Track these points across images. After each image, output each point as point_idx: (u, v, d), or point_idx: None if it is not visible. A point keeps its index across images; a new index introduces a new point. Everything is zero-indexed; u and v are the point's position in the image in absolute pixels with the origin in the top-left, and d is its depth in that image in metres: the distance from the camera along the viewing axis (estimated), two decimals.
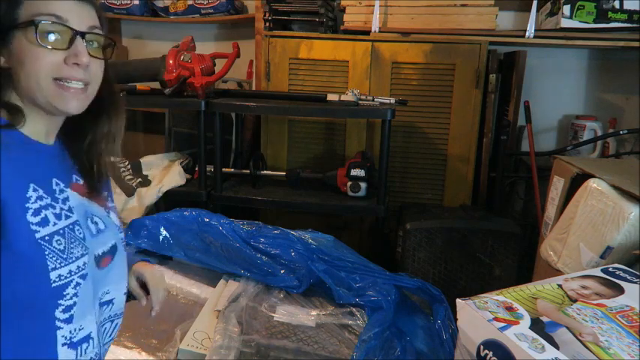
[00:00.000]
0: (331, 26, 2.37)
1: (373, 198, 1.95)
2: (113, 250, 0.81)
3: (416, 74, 2.13)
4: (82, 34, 0.71)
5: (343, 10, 2.26)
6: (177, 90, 1.93)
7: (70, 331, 0.70)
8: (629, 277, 0.85)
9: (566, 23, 2.03)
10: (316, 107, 1.98)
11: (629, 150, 2.27)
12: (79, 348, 0.72)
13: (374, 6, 2.16)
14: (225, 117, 2.27)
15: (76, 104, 0.72)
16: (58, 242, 0.68)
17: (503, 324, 0.68)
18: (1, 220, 0.63)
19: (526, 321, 0.69)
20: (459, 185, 2.18)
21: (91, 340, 0.74)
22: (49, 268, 0.67)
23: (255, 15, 2.41)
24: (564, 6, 2.02)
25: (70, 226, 0.71)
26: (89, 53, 0.72)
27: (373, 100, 1.94)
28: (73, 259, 0.70)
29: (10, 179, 0.65)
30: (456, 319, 0.77)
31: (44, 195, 0.69)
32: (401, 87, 2.13)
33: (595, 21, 2.02)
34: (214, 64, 2.03)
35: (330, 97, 1.97)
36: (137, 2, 2.69)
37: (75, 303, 0.70)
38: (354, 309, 1.39)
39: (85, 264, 0.72)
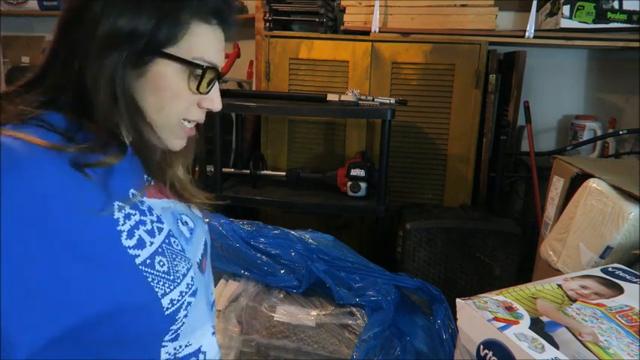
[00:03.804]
0: (331, 26, 2.37)
1: (373, 198, 1.95)
2: (206, 247, 0.75)
3: (416, 74, 2.13)
4: (219, 79, 0.65)
5: (343, 10, 2.26)
6: None
7: (175, 348, 0.65)
8: (628, 277, 0.85)
9: (565, 23, 2.03)
10: (316, 107, 1.98)
11: (628, 150, 2.27)
12: None
13: (374, 6, 2.16)
14: (225, 117, 2.27)
15: (181, 143, 0.67)
16: (161, 263, 0.60)
17: (503, 324, 0.68)
18: (100, 257, 0.55)
19: (526, 321, 0.69)
20: (459, 185, 2.18)
21: (201, 355, 0.69)
22: (159, 295, 0.59)
23: (255, 15, 2.41)
24: (564, 6, 2.02)
25: (167, 241, 0.63)
26: None
27: (373, 100, 1.94)
28: (181, 277, 0.62)
29: (93, 205, 0.56)
30: (455, 319, 0.77)
31: (131, 211, 0.60)
32: (401, 87, 2.13)
33: (594, 21, 2.02)
34: None
35: (330, 97, 1.97)
36: None
37: (183, 324, 0.63)
38: (354, 309, 1.39)
39: (192, 278, 0.64)
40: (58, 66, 0.59)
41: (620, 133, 2.20)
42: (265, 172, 2.15)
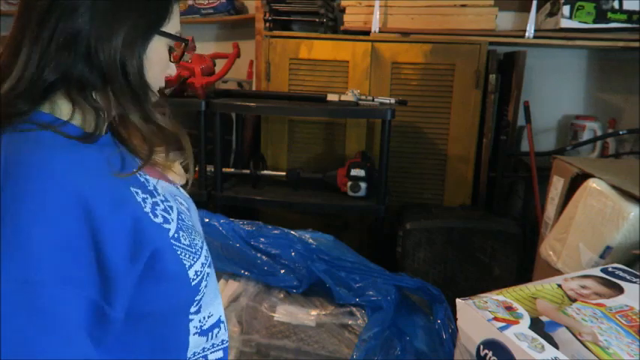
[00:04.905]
0: (331, 26, 2.37)
1: (373, 198, 1.95)
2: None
3: (416, 74, 2.13)
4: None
5: (343, 11, 2.26)
6: (178, 90, 1.93)
7: (200, 320, 0.69)
8: (628, 277, 0.85)
9: (565, 23, 2.03)
10: (316, 107, 1.99)
11: (628, 150, 2.27)
12: (209, 334, 0.71)
13: (374, 6, 2.16)
14: (226, 117, 2.27)
15: None
16: (184, 237, 0.64)
17: (502, 324, 0.68)
18: (143, 235, 0.57)
19: (525, 320, 0.70)
20: (459, 185, 2.18)
21: (221, 325, 0.73)
22: (187, 266, 0.63)
23: (255, 15, 2.41)
24: (564, 6, 2.02)
25: (180, 217, 0.66)
26: None
27: (373, 100, 1.94)
28: (200, 250, 0.67)
29: (118, 193, 0.58)
30: (455, 319, 0.77)
31: (145, 196, 0.62)
32: (401, 87, 2.13)
33: (594, 21, 2.02)
34: (214, 65, 2.03)
35: (330, 97, 1.97)
36: None
37: (204, 294, 0.68)
38: (354, 309, 1.39)
39: (207, 251, 0.69)
40: (43, 65, 0.59)
41: (620, 133, 2.20)
42: (265, 172, 2.15)
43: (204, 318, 0.69)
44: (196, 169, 2.06)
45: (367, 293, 1.39)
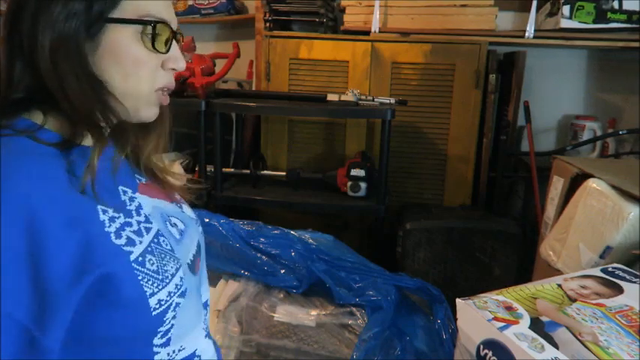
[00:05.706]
0: (331, 26, 2.37)
1: (373, 198, 1.95)
2: (199, 248, 0.74)
3: (416, 74, 2.13)
4: (175, 36, 0.64)
5: (343, 11, 2.26)
6: (178, 90, 1.93)
7: (168, 353, 0.64)
8: (628, 277, 0.85)
9: (565, 23, 2.03)
10: (316, 107, 1.98)
11: (628, 150, 2.27)
12: None
13: (374, 6, 2.16)
14: (226, 117, 2.27)
15: (154, 111, 0.66)
16: (151, 262, 0.59)
17: (502, 324, 0.68)
18: (93, 257, 0.54)
19: (525, 320, 0.70)
20: (459, 185, 2.18)
21: (196, 359, 0.68)
22: (147, 294, 0.58)
23: (255, 15, 2.41)
24: (564, 6, 2.02)
25: (155, 240, 0.62)
26: None
27: (373, 100, 1.94)
28: (169, 277, 0.61)
29: (75, 210, 0.54)
30: (455, 319, 0.77)
31: (115, 215, 0.59)
32: (401, 87, 2.13)
33: (594, 21, 2.02)
34: (214, 65, 2.03)
35: (330, 97, 1.97)
36: None
37: (172, 325, 0.62)
38: (354, 309, 1.39)
39: (181, 279, 0.63)
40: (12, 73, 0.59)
41: (620, 133, 2.20)
42: (265, 172, 2.15)
43: (173, 351, 0.64)
44: (196, 169, 2.06)
45: (367, 293, 1.39)
